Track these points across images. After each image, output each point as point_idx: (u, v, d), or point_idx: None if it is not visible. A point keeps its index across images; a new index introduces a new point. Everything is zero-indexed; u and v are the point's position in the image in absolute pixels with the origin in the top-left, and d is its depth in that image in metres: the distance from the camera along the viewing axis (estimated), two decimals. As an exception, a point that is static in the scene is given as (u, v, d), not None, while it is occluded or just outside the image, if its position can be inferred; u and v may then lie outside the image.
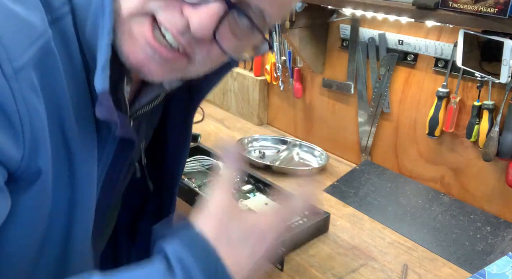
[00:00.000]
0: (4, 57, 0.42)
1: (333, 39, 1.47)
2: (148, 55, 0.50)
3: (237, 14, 0.50)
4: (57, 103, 0.48)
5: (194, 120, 0.79)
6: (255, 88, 1.74)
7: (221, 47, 0.51)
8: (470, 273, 0.99)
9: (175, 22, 0.48)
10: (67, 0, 0.50)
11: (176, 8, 0.48)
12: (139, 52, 0.50)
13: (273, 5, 0.51)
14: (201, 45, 0.51)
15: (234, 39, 0.52)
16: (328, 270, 0.99)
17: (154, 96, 0.64)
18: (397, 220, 1.18)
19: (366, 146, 1.44)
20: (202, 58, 0.53)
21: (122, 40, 0.50)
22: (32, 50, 0.45)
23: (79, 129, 0.51)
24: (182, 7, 0.48)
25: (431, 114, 1.23)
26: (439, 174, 1.29)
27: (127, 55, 0.51)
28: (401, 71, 1.32)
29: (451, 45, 1.17)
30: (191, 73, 0.56)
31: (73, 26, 0.50)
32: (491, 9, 0.90)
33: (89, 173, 0.54)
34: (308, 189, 0.59)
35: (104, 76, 0.48)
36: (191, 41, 0.50)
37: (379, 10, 1.11)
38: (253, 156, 1.50)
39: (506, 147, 1.09)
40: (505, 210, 1.17)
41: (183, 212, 1.16)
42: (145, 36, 0.49)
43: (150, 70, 0.52)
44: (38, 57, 0.45)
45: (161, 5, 0.48)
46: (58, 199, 0.51)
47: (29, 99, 0.44)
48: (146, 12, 0.49)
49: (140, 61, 0.51)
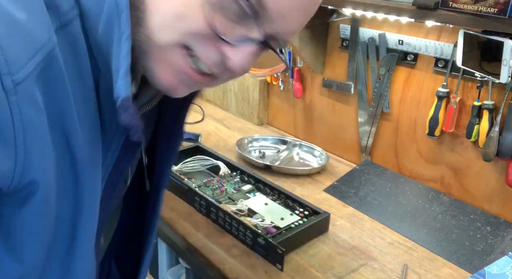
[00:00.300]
0: (5, 70, 0.42)
1: (333, 39, 1.47)
2: (181, 80, 0.54)
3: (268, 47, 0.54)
4: (61, 112, 0.48)
5: (194, 120, 0.79)
6: (255, 88, 1.74)
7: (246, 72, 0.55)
8: (470, 273, 0.99)
9: (212, 57, 0.52)
10: (76, 4, 0.50)
11: (212, 44, 0.51)
12: (173, 78, 0.53)
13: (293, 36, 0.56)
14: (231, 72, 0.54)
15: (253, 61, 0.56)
16: (328, 270, 0.99)
17: (153, 95, 0.66)
18: (397, 220, 1.18)
19: (366, 146, 1.44)
20: (227, 78, 0.57)
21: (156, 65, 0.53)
22: (35, 61, 0.44)
23: (84, 135, 0.51)
24: (218, 44, 0.51)
25: (431, 114, 1.23)
26: (439, 174, 1.29)
27: (159, 78, 0.54)
28: (401, 71, 1.32)
29: (451, 45, 1.17)
30: (210, 87, 0.59)
31: (82, 30, 0.50)
32: (491, 9, 0.90)
33: (94, 179, 0.54)
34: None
35: (126, 82, 0.49)
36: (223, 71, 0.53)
37: (379, 10, 1.11)
38: (253, 156, 1.50)
39: (506, 147, 1.09)
40: (505, 210, 1.17)
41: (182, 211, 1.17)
42: (181, 66, 0.52)
43: (178, 90, 0.56)
44: (41, 67, 0.45)
45: (199, 40, 0.51)
46: (63, 207, 0.52)
47: (26, 113, 0.44)
48: (183, 46, 0.51)
49: (172, 85, 0.54)
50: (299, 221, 1.10)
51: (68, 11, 0.49)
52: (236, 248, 1.04)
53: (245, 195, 1.21)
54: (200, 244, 1.05)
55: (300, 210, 1.14)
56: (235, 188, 1.24)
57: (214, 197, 1.17)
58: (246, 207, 1.13)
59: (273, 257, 0.98)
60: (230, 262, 1.00)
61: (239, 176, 1.31)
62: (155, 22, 0.50)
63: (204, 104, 1.91)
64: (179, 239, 1.09)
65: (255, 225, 1.05)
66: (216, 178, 1.28)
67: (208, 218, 1.14)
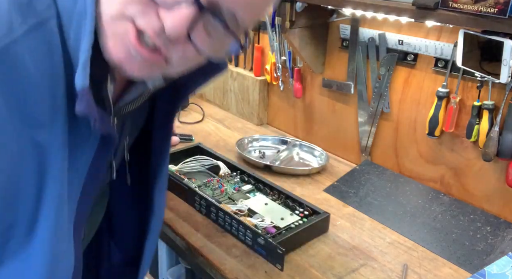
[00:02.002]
0: None
1: (333, 39, 1.47)
2: (130, 55, 0.54)
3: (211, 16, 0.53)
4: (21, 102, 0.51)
5: (194, 120, 0.81)
6: (255, 88, 1.74)
7: (195, 47, 0.54)
8: (470, 273, 0.99)
9: (152, 25, 0.52)
10: (53, 4, 0.53)
11: (152, 12, 0.52)
12: (122, 51, 0.54)
13: (244, 8, 0.54)
14: (176, 45, 0.54)
15: (209, 39, 0.55)
16: (328, 270, 0.99)
17: (138, 94, 0.68)
18: (397, 220, 1.18)
19: (366, 146, 1.44)
20: (179, 58, 0.56)
21: (106, 39, 0.54)
22: None
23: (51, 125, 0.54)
24: (158, 10, 0.52)
25: (431, 114, 1.23)
26: (439, 174, 1.29)
27: (111, 53, 0.55)
28: (401, 71, 1.32)
29: (451, 45, 1.17)
30: (170, 72, 0.59)
31: (58, 28, 0.53)
32: (491, 9, 0.90)
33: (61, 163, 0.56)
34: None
35: (84, 74, 0.52)
36: (166, 42, 0.53)
37: (379, 10, 1.11)
38: (253, 156, 1.50)
39: (506, 147, 1.09)
40: (505, 210, 1.17)
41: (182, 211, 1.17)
42: (130, 39, 0.53)
43: (131, 67, 0.56)
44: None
45: (139, 10, 0.52)
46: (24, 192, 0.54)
47: None
48: (126, 17, 0.52)
49: (123, 59, 0.55)
50: (299, 221, 1.10)
51: (44, 10, 0.53)
52: (236, 248, 1.04)
53: (245, 195, 1.21)
54: (200, 244, 1.05)
55: (300, 210, 1.14)
56: (235, 188, 1.24)
57: (214, 197, 1.17)
58: (246, 207, 1.13)
59: (273, 257, 0.98)
60: (230, 262, 1.00)
61: (239, 176, 1.31)
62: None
63: (204, 104, 1.91)
64: (179, 239, 1.09)
65: (255, 225, 1.05)
66: (216, 178, 1.28)
67: (208, 218, 1.14)
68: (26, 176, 0.54)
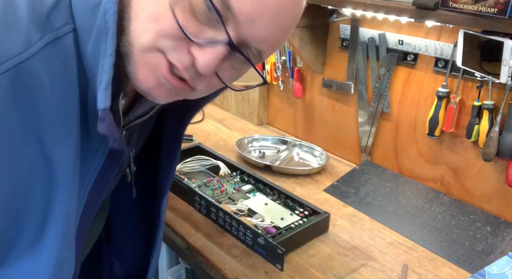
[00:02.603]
0: None
1: (333, 39, 1.47)
2: (160, 83, 0.56)
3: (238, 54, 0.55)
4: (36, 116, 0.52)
5: (194, 120, 0.82)
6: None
7: (221, 80, 0.57)
8: (470, 273, 0.99)
9: (182, 59, 0.54)
10: (71, 20, 0.54)
11: (184, 48, 0.53)
12: (153, 80, 0.56)
13: (271, 47, 0.57)
14: (203, 78, 0.56)
15: (232, 71, 0.59)
16: (328, 270, 0.99)
17: (148, 108, 0.69)
18: (397, 220, 1.18)
19: (366, 146, 1.44)
20: (204, 88, 0.59)
21: (136, 67, 0.55)
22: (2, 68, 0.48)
23: (64, 140, 0.54)
24: (189, 46, 0.53)
25: (431, 114, 1.23)
26: (439, 174, 1.29)
27: (141, 81, 0.56)
28: (401, 71, 1.32)
29: (451, 45, 1.17)
30: (192, 97, 0.62)
31: (74, 44, 0.54)
32: (491, 9, 0.90)
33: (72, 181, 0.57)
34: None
35: (106, 95, 0.52)
36: (193, 76, 0.55)
37: (379, 10, 1.11)
38: (253, 156, 1.50)
39: (506, 147, 1.09)
40: (505, 210, 1.17)
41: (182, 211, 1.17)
42: (162, 70, 0.54)
43: (159, 94, 0.58)
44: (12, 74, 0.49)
45: (172, 45, 0.53)
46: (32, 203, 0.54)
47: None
48: (158, 49, 0.53)
49: (152, 86, 0.56)
50: (299, 221, 1.10)
51: (61, 27, 0.53)
52: (236, 248, 1.04)
53: (245, 195, 1.21)
54: (200, 244, 1.05)
55: (300, 210, 1.14)
56: (235, 188, 1.24)
57: (214, 197, 1.17)
58: (246, 207, 1.13)
59: (273, 257, 0.98)
60: (230, 262, 1.00)
61: (239, 176, 1.31)
62: (135, 27, 0.53)
63: (204, 104, 1.91)
64: (179, 239, 1.09)
65: (255, 225, 1.05)
66: (216, 178, 1.28)
67: (208, 218, 1.14)
68: (37, 190, 0.54)
